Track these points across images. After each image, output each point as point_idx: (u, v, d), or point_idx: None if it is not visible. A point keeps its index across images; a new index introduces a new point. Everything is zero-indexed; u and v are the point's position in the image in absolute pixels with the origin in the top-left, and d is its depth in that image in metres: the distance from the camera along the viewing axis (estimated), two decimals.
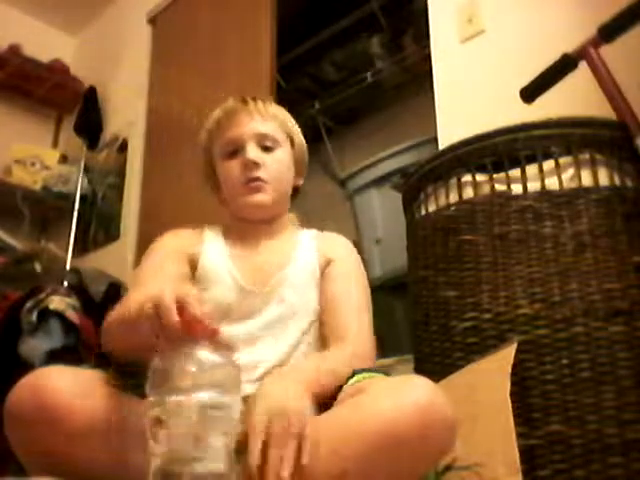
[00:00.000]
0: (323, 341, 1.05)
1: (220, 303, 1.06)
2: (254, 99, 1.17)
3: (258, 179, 1.11)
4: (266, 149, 1.13)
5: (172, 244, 1.13)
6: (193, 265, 1.10)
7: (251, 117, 1.14)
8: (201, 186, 1.28)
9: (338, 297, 1.07)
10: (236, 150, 1.13)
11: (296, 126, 1.22)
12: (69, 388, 0.75)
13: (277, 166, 1.14)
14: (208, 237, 1.16)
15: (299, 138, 1.22)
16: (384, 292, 2.03)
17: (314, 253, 1.14)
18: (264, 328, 1.05)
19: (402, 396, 0.78)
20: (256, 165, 1.11)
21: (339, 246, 1.18)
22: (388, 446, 0.75)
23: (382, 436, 0.75)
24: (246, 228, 1.16)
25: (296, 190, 1.23)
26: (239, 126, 1.14)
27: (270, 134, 1.14)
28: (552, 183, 1.17)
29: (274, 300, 1.07)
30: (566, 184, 1.16)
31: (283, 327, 1.05)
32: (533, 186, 1.17)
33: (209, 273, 1.09)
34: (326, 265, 1.12)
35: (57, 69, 3.16)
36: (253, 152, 1.12)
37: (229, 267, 1.10)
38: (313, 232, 1.21)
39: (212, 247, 1.13)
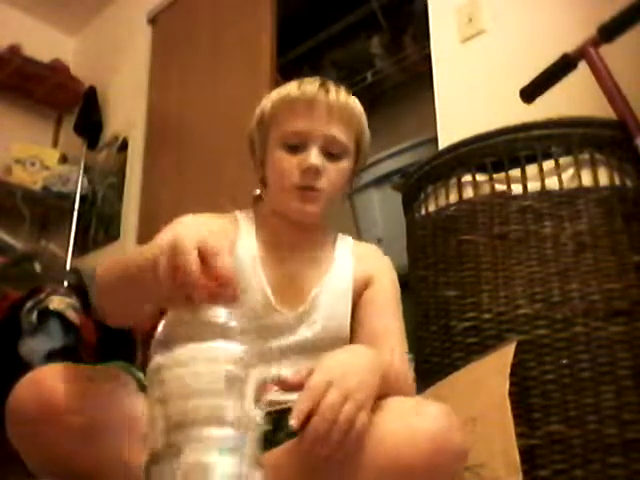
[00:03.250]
0: None
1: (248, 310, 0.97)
2: (337, 89, 1.02)
3: (314, 188, 0.98)
4: (330, 155, 0.99)
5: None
6: None
7: (329, 114, 0.99)
8: (201, 186, 1.26)
9: (382, 330, 0.99)
10: (299, 145, 0.99)
11: (367, 132, 1.07)
12: (69, 385, 0.75)
13: (337, 177, 1.01)
14: (242, 230, 1.04)
15: (366, 149, 1.08)
16: None
17: (349, 271, 1.05)
18: (294, 349, 0.98)
19: (415, 424, 0.75)
20: (317, 173, 0.97)
21: (378, 263, 1.09)
22: (398, 474, 0.74)
23: (392, 463, 0.74)
24: (284, 226, 1.05)
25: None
26: (312, 120, 0.98)
27: (343, 142, 1.00)
28: (552, 183, 1.17)
29: (305, 322, 1.00)
30: (566, 184, 1.16)
31: (314, 350, 0.97)
32: (533, 186, 1.17)
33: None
34: (364, 285, 1.04)
35: (57, 69, 3.16)
36: (317, 157, 0.97)
37: (260, 276, 0.99)
38: (349, 242, 1.12)
39: (244, 245, 1.01)
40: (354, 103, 1.05)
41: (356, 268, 1.05)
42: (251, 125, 1.06)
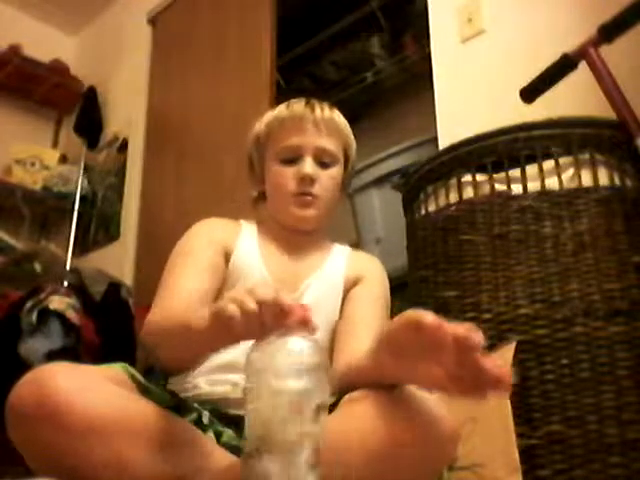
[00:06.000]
0: (333, 358, 1.02)
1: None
2: (322, 106, 1.14)
3: (310, 194, 1.10)
4: (323, 164, 1.12)
5: (207, 233, 1.12)
6: (227, 257, 1.10)
7: (317, 129, 1.11)
8: (201, 186, 1.27)
9: (359, 320, 1.06)
10: (293, 159, 1.11)
11: (353, 142, 1.20)
12: (70, 384, 0.75)
13: (330, 183, 1.13)
14: (244, 231, 1.16)
15: (353, 156, 1.20)
16: None
17: (342, 268, 1.14)
18: None
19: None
20: (312, 181, 1.10)
21: (370, 268, 1.16)
22: (389, 456, 0.75)
23: (383, 446, 0.75)
24: (283, 233, 1.15)
25: None
26: (303, 135, 1.11)
27: (331, 151, 1.12)
28: (552, 183, 1.17)
29: None
30: (566, 184, 1.16)
31: None
32: (533, 186, 1.17)
33: (241, 269, 1.09)
34: (353, 283, 1.12)
35: (57, 69, 3.16)
36: (311, 167, 1.10)
37: (260, 267, 1.10)
38: (347, 249, 1.20)
39: (247, 243, 1.13)
40: (338, 117, 1.17)
41: (348, 268, 1.15)
42: (249, 146, 1.19)
